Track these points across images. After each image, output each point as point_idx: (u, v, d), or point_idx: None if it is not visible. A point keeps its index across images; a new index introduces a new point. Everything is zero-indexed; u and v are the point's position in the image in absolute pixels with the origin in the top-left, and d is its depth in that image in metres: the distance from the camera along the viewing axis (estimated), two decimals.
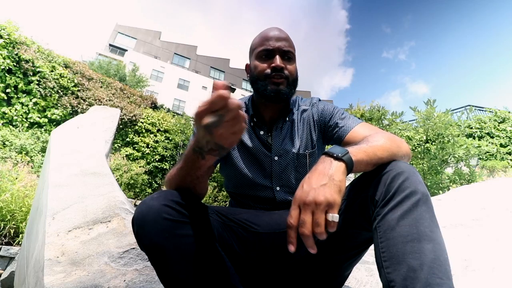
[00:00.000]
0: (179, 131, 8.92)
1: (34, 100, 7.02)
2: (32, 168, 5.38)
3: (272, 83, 0.88)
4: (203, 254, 0.59)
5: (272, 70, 0.88)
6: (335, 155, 0.62)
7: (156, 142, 8.75)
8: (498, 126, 8.88)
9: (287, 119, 0.96)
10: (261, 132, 0.94)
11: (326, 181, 0.57)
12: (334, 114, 0.95)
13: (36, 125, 7.05)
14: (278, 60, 0.87)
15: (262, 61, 0.90)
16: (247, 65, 0.99)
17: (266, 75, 0.88)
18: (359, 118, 1.00)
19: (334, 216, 0.54)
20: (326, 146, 1.02)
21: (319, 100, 1.03)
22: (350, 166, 0.62)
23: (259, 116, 0.96)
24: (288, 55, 0.90)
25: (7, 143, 6.00)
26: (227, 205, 1.02)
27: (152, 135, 8.77)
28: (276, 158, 0.92)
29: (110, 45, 27.42)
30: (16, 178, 3.68)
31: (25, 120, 6.89)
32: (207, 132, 0.53)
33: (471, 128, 8.94)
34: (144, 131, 8.67)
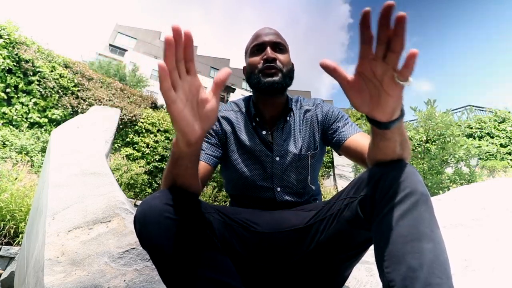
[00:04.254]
0: None
1: (34, 100, 7.01)
2: (32, 168, 5.39)
3: (265, 74, 0.88)
4: (204, 253, 0.59)
5: (264, 62, 0.88)
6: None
7: (156, 142, 8.74)
8: (498, 126, 8.87)
9: (288, 118, 0.95)
10: (263, 132, 0.94)
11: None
12: (339, 118, 0.95)
13: (36, 125, 7.04)
14: (269, 51, 0.88)
15: (254, 56, 0.91)
16: (244, 68, 0.99)
17: (259, 69, 0.89)
18: (360, 119, 1.00)
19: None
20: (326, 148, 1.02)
21: (323, 101, 1.03)
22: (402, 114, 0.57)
23: (261, 115, 0.96)
24: (279, 47, 0.91)
25: (7, 143, 6.00)
26: (228, 205, 1.02)
27: (152, 135, 8.76)
28: (277, 158, 0.92)
29: (110, 45, 27.40)
30: (16, 178, 3.68)
31: (25, 120, 6.89)
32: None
33: (471, 128, 8.94)
34: (144, 131, 8.66)
